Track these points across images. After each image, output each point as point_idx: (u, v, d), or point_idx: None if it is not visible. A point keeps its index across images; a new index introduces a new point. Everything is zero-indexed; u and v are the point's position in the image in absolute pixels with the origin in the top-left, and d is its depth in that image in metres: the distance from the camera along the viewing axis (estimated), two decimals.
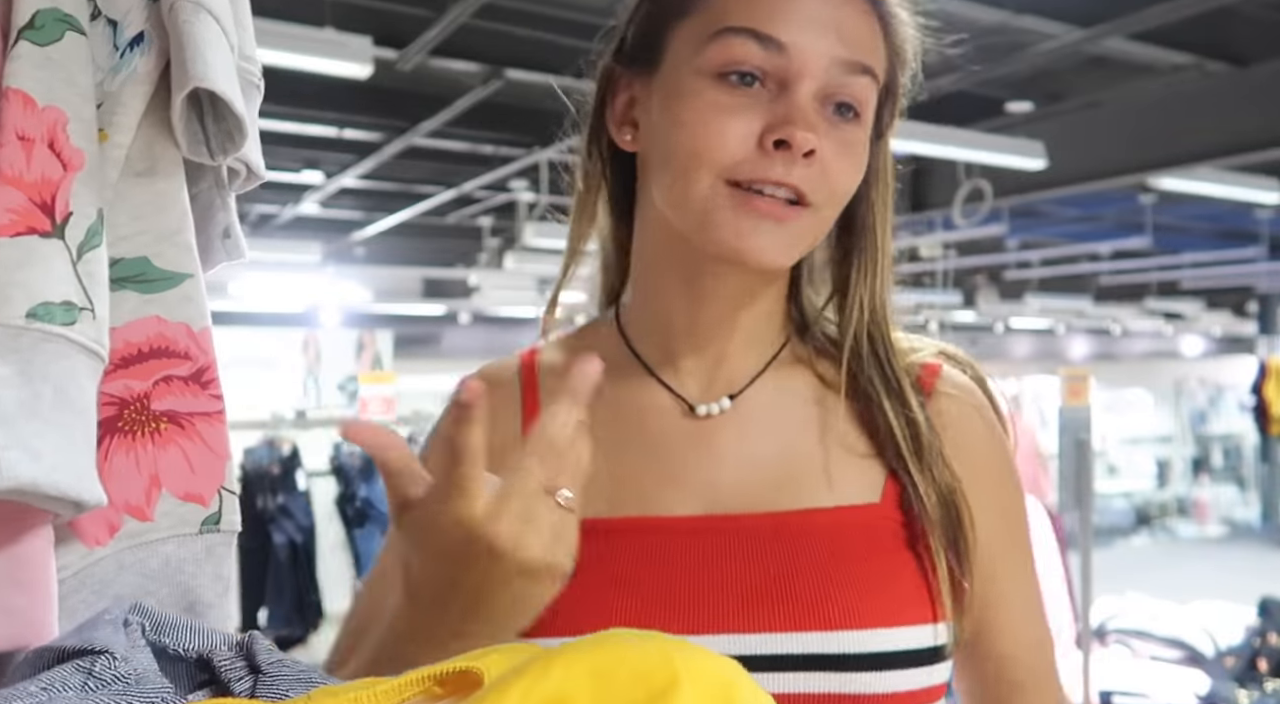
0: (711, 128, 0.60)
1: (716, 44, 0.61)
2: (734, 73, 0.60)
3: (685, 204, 0.62)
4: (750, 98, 0.60)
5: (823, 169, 0.60)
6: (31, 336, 0.40)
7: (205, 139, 0.53)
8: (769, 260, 0.61)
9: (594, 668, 0.30)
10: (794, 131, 0.58)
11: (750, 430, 0.68)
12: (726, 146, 0.60)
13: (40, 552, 0.42)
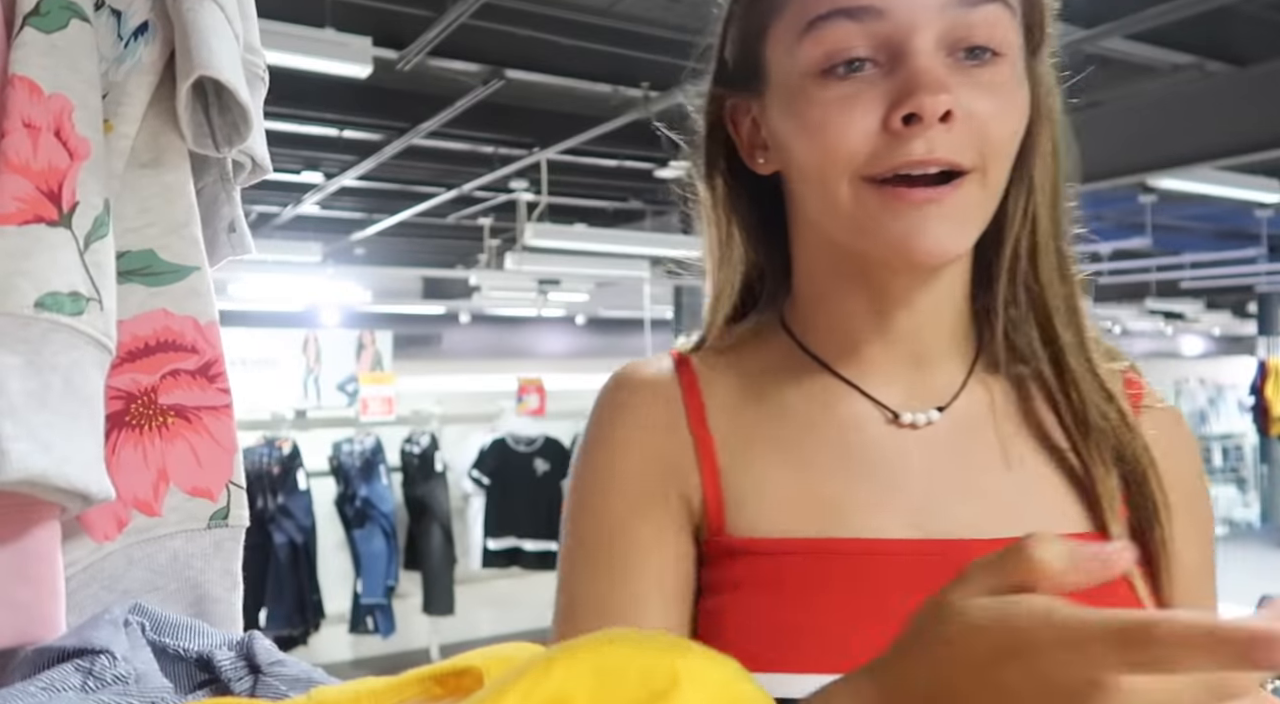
0: (829, 129, 0.54)
1: (809, 40, 0.55)
2: (838, 64, 0.54)
3: (834, 215, 0.57)
4: (863, 83, 0.54)
5: (970, 126, 0.53)
6: (40, 326, 0.40)
7: (211, 131, 0.53)
8: (945, 251, 0.54)
9: (594, 668, 0.30)
10: (920, 100, 0.52)
11: (961, 445, 0.61)
12: (850, 143, 0.54)
13: (47, 546, 0.42)
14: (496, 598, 5.22)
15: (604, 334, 16.94)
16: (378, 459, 4.54)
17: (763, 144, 0.63)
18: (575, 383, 7.08)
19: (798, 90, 0.56)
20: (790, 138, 0.58)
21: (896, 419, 0.61)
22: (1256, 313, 11.59)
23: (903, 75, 0.53)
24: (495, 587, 5.18)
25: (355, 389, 4.74)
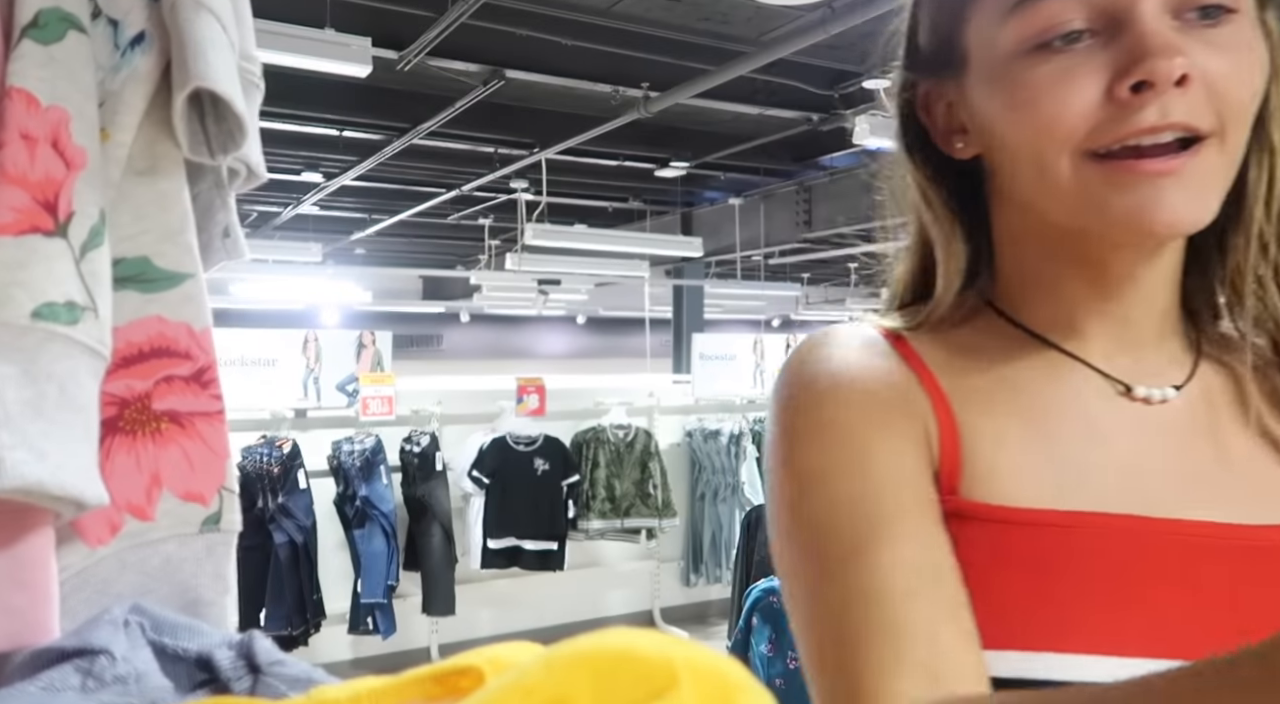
0: (1045, 104, 0.52)
1: (1017, 18, 0.53)
2: (1053, 38, 0.52)
3: (1055, 196, 0.54)
4: (1079, 56, 0.51)
5: (1207, 88, 0.50)
6: (36, 336, 0.41)
7: (206, 139, 0.53)
8: (1184, 223, 0.51)
9: (595, 668, 0.30)
10: (1152, 64, 0.49)
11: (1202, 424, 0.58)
12: (1070, 117, 0.51)
13: (41, 551, 0.42)
14: (496, 598, 5.23)
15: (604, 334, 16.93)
16: (378, 459, 4.54)
17: (960, 128, 0.61)
18: (575, 383, 7.09)
19: (1004, 70, 0.54)
20: (997, 119, 0.56)
21: (1129, 392, 0.58)
22: None
23: (1127, 42, 0.50)
24: (495, 587, 5.19)
25: (355, 389, 4.74)
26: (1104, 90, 0.51)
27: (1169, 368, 0.60)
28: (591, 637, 0.32)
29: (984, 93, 0.57)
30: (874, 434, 0.55)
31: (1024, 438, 0.57)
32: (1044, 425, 0.58)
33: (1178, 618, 0.51)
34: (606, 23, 4.76)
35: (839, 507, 0.54)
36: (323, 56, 3.48)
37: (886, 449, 0.55)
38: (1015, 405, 0.58)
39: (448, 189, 7.42)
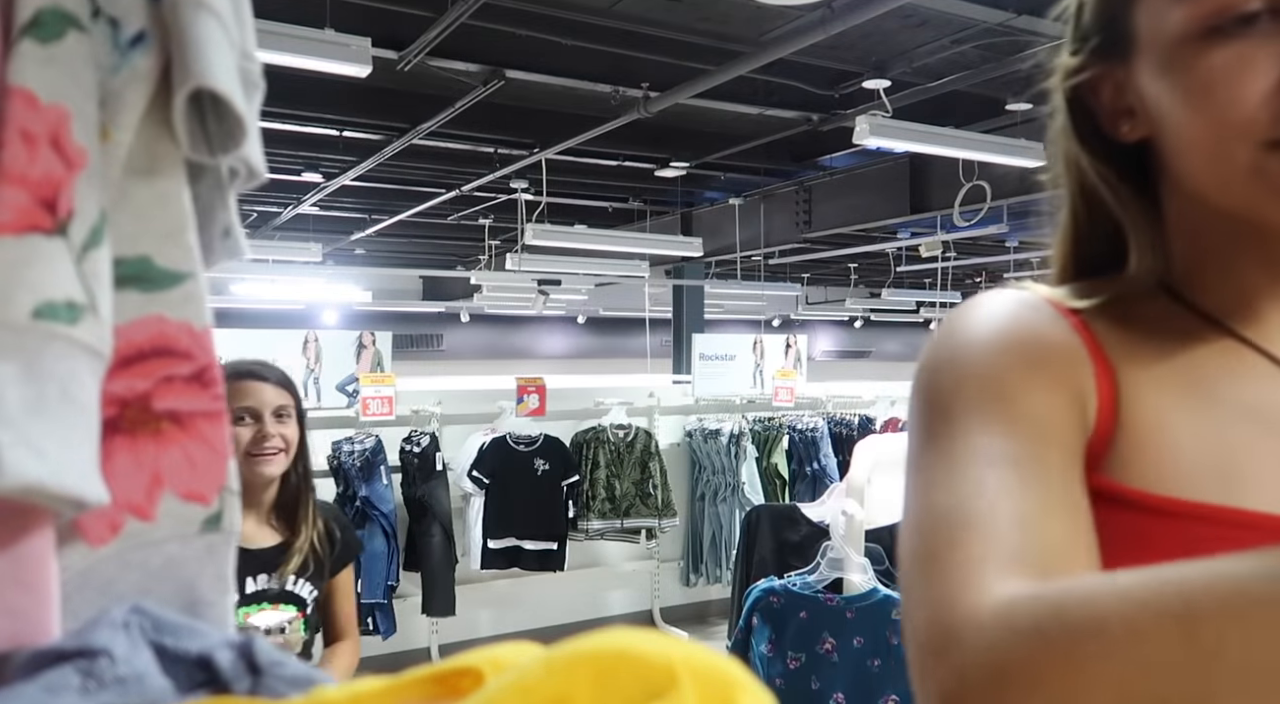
0: (1221, 93, 0.50)
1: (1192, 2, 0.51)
2: (1227, 21, 0.50)
3: (1232, 188, 0.53)
4: (1258, 38, 0.49)
5: None
6: (37, 336, 0.41)
7: (206, 138, 0.53)
8: None
9: (595, 668, 0.30)
10: None
11: None
12: (1248, 108, 0.50)
13: (42, 551, 0.42)
14: (497, 598, 5.23)
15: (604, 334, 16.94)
16: (378, 459, 4.54)
17: (1127, 110, 0.59)
18: (575, 382, 7.09)
19: (1175, 53, 0.52)
20: (1169, 105, 0.54)
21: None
22: None
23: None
24: (495, 587, 5.19)
25: (355, 389, 4.74)
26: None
27: None
28: (591, 637, 0.32)
29: (1154, 77, 0.55)
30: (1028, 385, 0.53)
31: (1189, 423, 0.54)
32: (1212, 412, 0.55)
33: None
34: (606, 23, 4.76)
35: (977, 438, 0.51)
36: (323, 56, 3.48)
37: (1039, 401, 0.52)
38: (1183, 388, 0.56)
39: (448, 189, 7.42)
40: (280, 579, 1.79)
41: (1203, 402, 0.55)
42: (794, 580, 2.41)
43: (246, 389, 1.78)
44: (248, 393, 1.77)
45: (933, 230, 7.88)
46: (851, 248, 9.92)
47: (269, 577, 1.78)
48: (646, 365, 10.63)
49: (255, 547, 1.79)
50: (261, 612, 1.75)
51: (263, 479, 1.78)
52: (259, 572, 1.78)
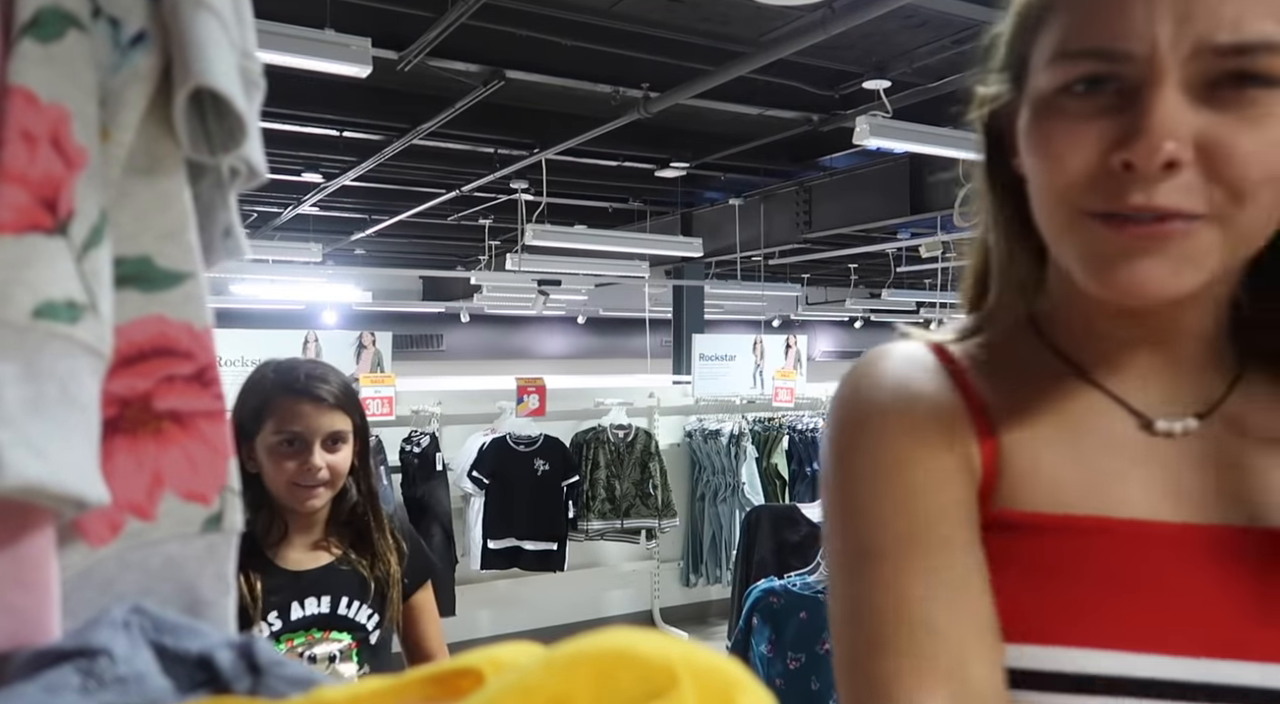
0: (1052, 153, 0.53)
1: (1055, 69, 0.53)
2: (1078, 82, 0.52)
3: (1051, 236, 0.56)
4: (1097, 108, 0.52)
5: (1212, 169, 0.49)
6: (37, 336, 0.40)
7: (207, 137, 0.53)
8: (1152, 293, 0.52)
9: (595, 668, 0.30)
10: (1136, 147, 0.49)
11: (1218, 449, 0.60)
12: (1070, 173, 0.52)
13: (43, 551, 0.42)
14: (496, 598, 5.23)
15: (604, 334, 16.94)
16: (378, 459, 4.54)
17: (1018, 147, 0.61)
18: (575, 383, 7.09)
19: (1038, 106, 0.55)
20: (1025, 150, 0.57)
21: (1150, 427, 0.60)
22: None
23: (1133, 113, 0.50)
24: (495, 587, 5.19)
25: (355, 389, 4.74)
26: (1102, 154, 0.51)
27: (1205, 393, 0.61)
28: (591, 637, 0.32)
29: (1023, 119, 0.57)
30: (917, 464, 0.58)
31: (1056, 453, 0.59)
32: (1075, 445, 0.60)
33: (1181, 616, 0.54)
34: (606, 23, 4.76)
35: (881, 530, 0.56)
36: (323, 57, 3.48)
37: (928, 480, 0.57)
38: (1049, 423, 0.60)
39: (448, 189, 7.42)
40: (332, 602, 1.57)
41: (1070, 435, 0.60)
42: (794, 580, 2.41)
43: (297, 412, 1.55)
44: (297, 416, 1.55)
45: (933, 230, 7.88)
46: (851, 248, 9.92)
47: (318, 601, 1.57)
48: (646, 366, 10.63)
49: (301, 568, 1.59)
50: (309, 639, 1.55)
51: (305, 510, 1.58)
52: (306, 595, 1.57)
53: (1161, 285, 0.52)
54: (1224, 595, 0.54)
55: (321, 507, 1.59)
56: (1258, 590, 0.54)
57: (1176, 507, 0.57)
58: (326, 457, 1.56)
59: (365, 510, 1.64)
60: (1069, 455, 0.59)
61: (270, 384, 1.57)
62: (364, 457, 1.64)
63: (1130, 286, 0.52)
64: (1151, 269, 0.51)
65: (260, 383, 1.58)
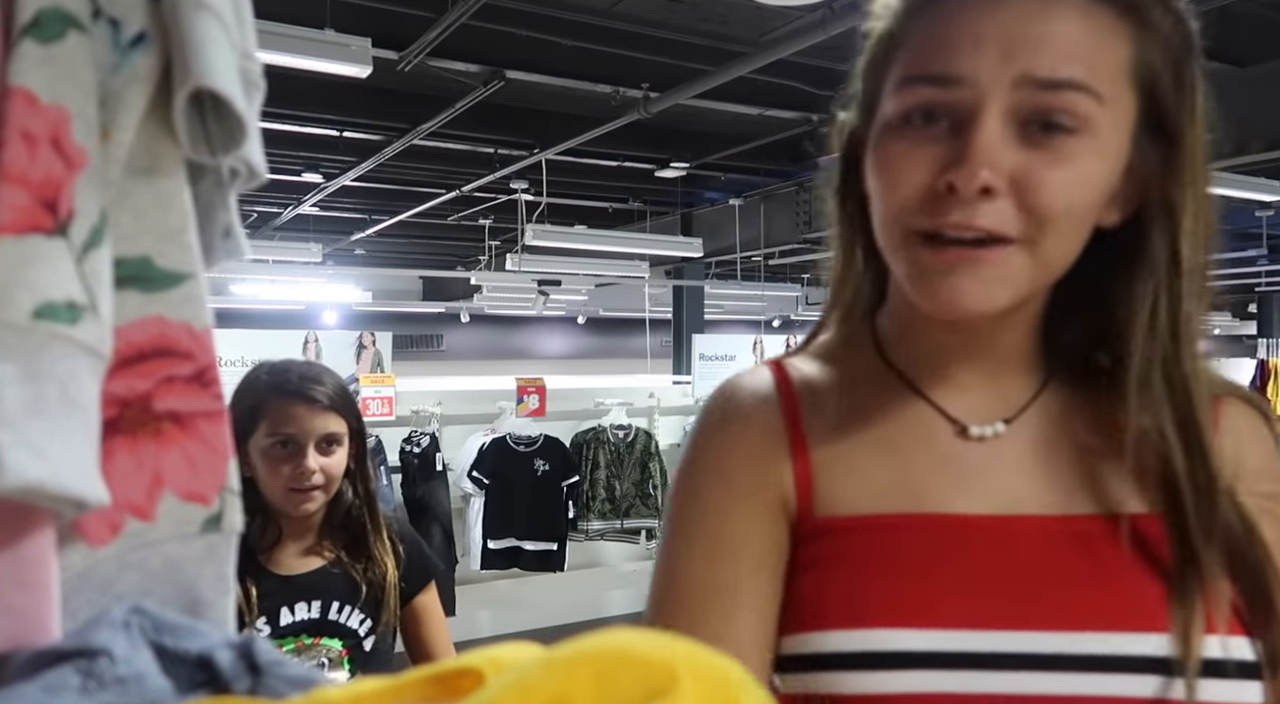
0: (890, 177, 0.60)
1: (900, 94, 0.60)
2: (915, 113, 0.59)
3: (887, 252, 0.63)
4: (933, 137, 0.59)
5: (1022, 199, 0.57)
6: (37, 336, 0.41)
7: (206, 138, 0.53)
8: (968, 308, 0.59)
9: (595, 668, 0.30)
10: (958, 172, 0.56)
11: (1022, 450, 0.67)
12: (904, 194, 0.59)
13: (43, 552, 0.42)
14: (496, 598, 5.23)
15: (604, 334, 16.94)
16: (378, 459, 4.54)
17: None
18: (575, 383, 7.09)
19: (881, 134, 0.62)
20: (869, 173, 0.63)
21: (965, 432, 0.68)
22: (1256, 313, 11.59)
23: (959, 143, 0.57)
24: (495, 587, 5.19)
25: (355, 389, 4.74)
26: (930, 179, 0.58)
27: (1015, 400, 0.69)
28: (591, 637, 0.32)
29: (870, 146, 0.64)
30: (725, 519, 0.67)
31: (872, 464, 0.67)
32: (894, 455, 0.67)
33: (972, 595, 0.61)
34: (606, 23, 4.76)
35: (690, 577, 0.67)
36: (323, 57, 3.48)
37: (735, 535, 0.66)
38: (869, 437, 0.68)
39: (448, 189, 7.42)
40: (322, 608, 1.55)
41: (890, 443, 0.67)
42: None
43: (291, 414, 1.52)
44: (291, 418, 1.52)
45: None
46: None
47: (308, 606, 1.54)
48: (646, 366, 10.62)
49: (292, 573, 1.56)
50: (298, 646, 1.52)
51: (299, 514, 1.56)
52: (296, 600, 1.54)
53: (976, 301, 0.59)
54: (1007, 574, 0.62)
55: (316, 510, 1.57)
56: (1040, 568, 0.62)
57: (973, 501, 0.65)
58: (320, 459, 1.53)
59: (361, 513, 1.61)
60: (884, 462, 0.66)
61: (264, 386, 1.55)
62: (360, 459, 1.62)
63: (949, 302, 0.59)
64: (968, 287, 0.58)
65: (254, 385, 1.56)
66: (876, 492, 0.65)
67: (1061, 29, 0.56)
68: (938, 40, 0.59)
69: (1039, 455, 0.67)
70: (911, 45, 0.61)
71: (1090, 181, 0.58)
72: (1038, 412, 0.68)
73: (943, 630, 0.59)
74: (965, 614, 0.60)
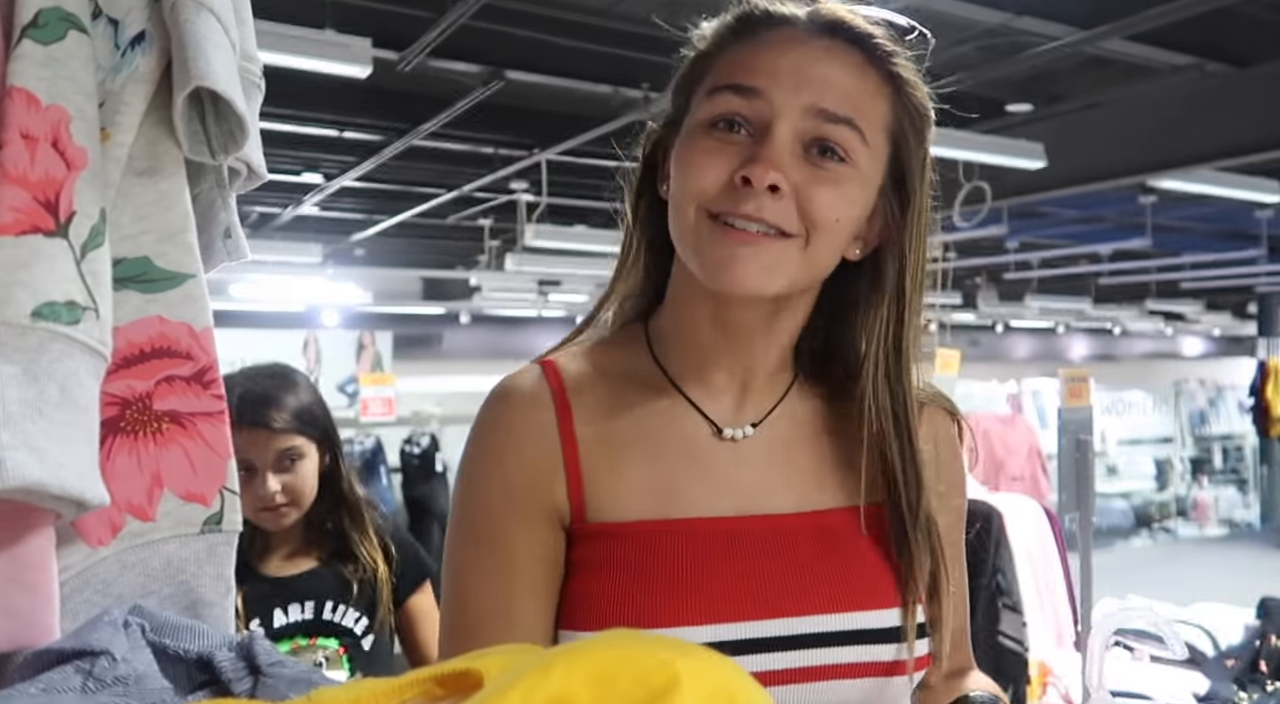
0: (695, 167, 0.69)
1: (711, 100, 0.70)
2: (721, 120, 0.69)
3: (681, 236, 0.71)
4: (735, 142, 0.69)
5: (800, 203, 0.68)
6: (37, 336, 0.41)
7: (206, 138, 0.53)
8: (748, 286, 0.68)
9: (595, 669, 0.30)
10: (754, 168, 0.66)
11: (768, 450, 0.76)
12: (705, 182, 0.68)
13: (43, 552, 0.42)
14: None
15: None
16: (378, 460, 4.54)
17: (668, 174, 0.75)
18: None
19: (691, 134, 0.71)
20: (674, 167, 0.72)
21: (720, 433, 0.75)
22: (1256, 314, 11.60)
23: (756, 147, 0.68)
24: None
25: (355, 390, 4.74)
26: (730, 173, 0.67)
27: (765, 404, 0.77)
28: (593, 638, 0.32)
29: (676, 148, 0.72)
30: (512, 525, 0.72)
31: (638, 468, 0.73)
32: (657, 457, 0.73)
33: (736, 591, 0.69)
34: (606, 23, 4.76)
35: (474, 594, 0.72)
36: (323, 57, 3.47)
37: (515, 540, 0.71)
38: (635, 439, 0.74)
39: (448, 190, 7.42)
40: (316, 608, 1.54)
41: (648, 448, 0.73)
42: None
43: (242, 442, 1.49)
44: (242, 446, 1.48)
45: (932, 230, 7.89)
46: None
47: (301, 607, 1.54)
48: None
49: (283, 575, 1.55)
50: (294, 647, 1.51)
51: (275, 529, 1.55)
52: (289, 602, 1.53)
53: (756, 281, 0.67)
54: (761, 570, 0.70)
55: (288, 525, 1.55)
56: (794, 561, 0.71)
57: (728, 502, 0.73)
58: (282, 478, 1.50)
59: (341, 518, 1.60)
60: (649, 467, 0.73)
61: None
62: (334, 465, 1.58)
63: (732, 277, 0.67)
64: (749, 265, 0.67)
65: None
66: (643, 496, 0.72)
67: (843, 76, 0.70)
68: (745, 63, 0.70)
69: (784, 456, 0.76)
70: (721, 67, 0.71)
71: (854, 202, 0.70)
72: (782, 415, 0.77)
73: (720, 624, 0.68)
74: (737, 608, 0.69)
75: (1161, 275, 9.77)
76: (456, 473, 0.77)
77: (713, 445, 0.75)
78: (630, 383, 0.77)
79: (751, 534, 0.73)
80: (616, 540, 0.71)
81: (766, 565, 0.71)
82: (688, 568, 0.70)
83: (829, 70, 0.70)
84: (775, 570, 0.71)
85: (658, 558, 0.70)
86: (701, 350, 0.76)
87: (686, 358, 0.76)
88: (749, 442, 0.76)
